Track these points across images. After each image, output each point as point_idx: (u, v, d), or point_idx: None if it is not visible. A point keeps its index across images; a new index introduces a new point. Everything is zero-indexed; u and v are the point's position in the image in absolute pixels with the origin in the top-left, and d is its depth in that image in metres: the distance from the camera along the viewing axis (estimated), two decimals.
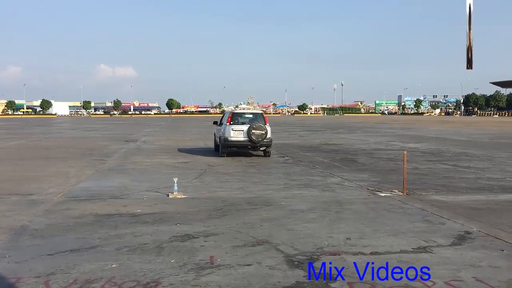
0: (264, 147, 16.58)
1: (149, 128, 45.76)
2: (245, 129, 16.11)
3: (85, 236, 6.18)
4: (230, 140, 16.20)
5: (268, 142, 16.39)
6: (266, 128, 16.11)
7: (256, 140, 15.92)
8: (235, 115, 16.99)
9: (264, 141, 16.11)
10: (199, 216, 7.36)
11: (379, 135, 32.61)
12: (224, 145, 16.37)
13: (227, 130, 16.25)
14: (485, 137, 29.57)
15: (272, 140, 16.75)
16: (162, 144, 23.38)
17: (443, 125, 52.23)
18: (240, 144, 16.40)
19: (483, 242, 5.97)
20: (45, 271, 4.77)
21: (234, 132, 16.14)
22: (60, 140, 27.04)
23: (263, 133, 15.94)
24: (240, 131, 16.15)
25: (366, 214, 7.63)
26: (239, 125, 16.47)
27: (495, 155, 17.80)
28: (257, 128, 15.88)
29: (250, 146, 16.55)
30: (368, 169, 13.63)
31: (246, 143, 16.21)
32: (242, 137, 16.11)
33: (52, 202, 8.46)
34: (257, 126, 15.95)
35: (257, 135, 15.85)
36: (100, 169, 13.24)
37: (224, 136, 16.31)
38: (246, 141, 16.11)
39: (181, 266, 4.94)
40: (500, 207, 8.26)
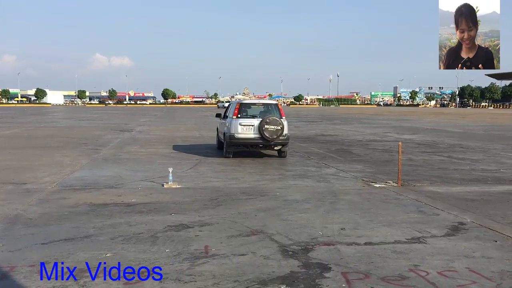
0: (280, 145, 13.49)
1: (145, 118, 45.62)
2: (256, 123, 13.05)
3: (79, 225, 6.17)
4: (238, 138, 13.10)
5: (285, 140, 13.32)
6: (282, 123, 13.00)
7: (270, 138, 12.87)
8: (243, 107, 13.82)
9: (280, 138, 13.02)
10: (194, 206, 7.36)
11: (375, 126, 32.66)
12: (229, 143, 13.29)
13: (233, 125, 13.18)
14: (479, 129, 29.69)
15: (289, 137, 13.67)
16: (158, 134, 23.33)
17: (438, 117, 52.38)
18: (249, 143, 13.33)
19: (477, 233, 6.00)
20: (39, 260, 4.75)
21: (242, 127, 13.10)
22: (54, 129, 26.92)
23: (279, 128, 12.87)
24: (250, 126, 13.11)
25: (361, 204, 7.65)
26: (249, 118, 13.40)
27: (489, 146, 17.87)
28: (271, 123, 12.86)
29: (262, 145, 13.41)
30: (363, 160, 13.66)
31: (257, 141, 13.14)
32: (252, 134, 13.09)
33: (46, 191, 8.44)
34: (271, 120, 12.89)
35: (271, 131, 12.83)
36: (95, 159, 13.20)
37: (229, 132, 13.21)
38: (257, 138, 13.06)
39: (176, 256, 4.94)
40: (494, 198, 8.30)
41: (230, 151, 13.48)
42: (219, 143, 15.49)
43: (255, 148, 13.90)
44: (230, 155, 13.46)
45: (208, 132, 25.16)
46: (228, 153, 13.50)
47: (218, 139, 15.78)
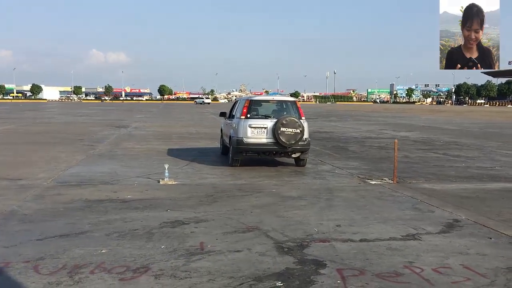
0: (298, 152, 11.15)
1: (141, 114, 45.52)
2: (269, 125, 10.74)
3: (74, 221, 6.16)
4: (247, 143, 10.77)
5: (305, 146, 11.03)
6: (302, 125, 10.74)
7: (287, 143, 10.57)
8: (253, 104, 11.41)
9: (299, 144, 10.75)
10: (190, 203, 7.36)
11: (371, 123, 32.70)
12: (237, 149, 10.90)
13: (242, 127, 10.84)
14: (475, 127, 29.77)
15: (310, 142, 11.37)
16: (154, 130, 23.29)
17: (434, 114, 52.47)
18: (261, 149, 10.95)
19: (472, 230, 6.02)
20: (34, 256, 4.75)
21: (252, 130, 10.79)
22: (50, 125, 26.83)
23: (298, 132, 10.57)
24: (262, 128, 10.79)
25: (356, 201, 7.67)
26: (261, 119, 11.06)
27: (484, 144, 17.93)
28: (289, 125, 10.56)
29: (276, 152, 11.08)
30: (359, 157, 13.67)
31: (271, 147, 10.81)
32: (265, 138, 10.78)
33: (42, 187, 8.41)
34: (288, 121, 10.60)
35: (288, 135, 10.54)
36: (91, 155, 13.17)
37: (237, 136, 10.88)
38: (271, 144, 10.75)
39: (171, 252, 4.94)
40: (489, 195, 8.33)
41: (238, 158, 11.13)
42: (224, 147, 13.07)
43: (268, 155, 11.43)
44: (237, 164, 11.14)
45: (204, 128, 25.18)
46: (235, 161, 11.14)
47: (222, 143, 13.37)
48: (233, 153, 11.16)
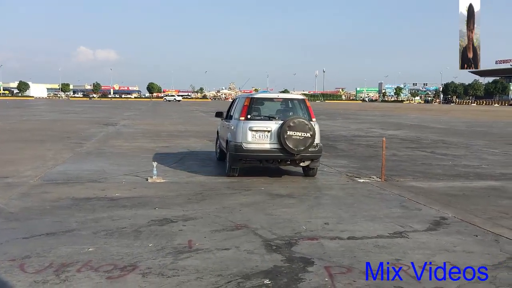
0: (308, 161, 9.49)
1: (129, 112, 45.27)
2: (274, 128, 9.13)
3: (61, 219, 6.11)
4: (247, 149, 9.10)
5: (316, 153, 9.38)
6: (313, 128, 9.16)
7: (294, 149, 8.98)
8: (255, 103, 9.66)
9: (309, 150, 9.17)
10: (178, 201, 7.34)
11: (360, 122, 32.85)
12: (235, 156, 9.21)
13: (241, 130, 9.19)
14: (462, 125, 30.06)
15: (322, 148, 9.67)
16: (142, 128, 23.17)
17: (422, 113, 52.86)
18: (264, 156, 9.28)
19: (458, 227, 6.08)
20: (20, 254, 4.70)
21: (254, 134, 9.14)
22: (37, 122, 26.56)
23: (307, 136, 9.01)
24: (265, 132, 9.17)
25: (345, 199, 7.70)
26: (264, 121, 9.38)
27: (471, 143, 18.11)
28: (297, 128, 8.96)
29: (281, 160, 9.43)
30: (348, 155, 13.73)
31: (276, 154, 9.19)
32: (268, 144, 9.16)
33: (28, 185, 8.33)
34: (296, 123, 9.00)
35: (296, 139, 8.95)
36: (78, 153, 13.07)
37: (235, 140, 9.25)
38: (275, 150, 9.13)
39: (159, 250, 4.92)
40: (475, 193, 8.42)
41: (236, 167, 9.48)
42: (221, 152, 11.49)
43: (272, 163, 9.63)
44: (235, 173, 9.53)
45: (194, 126, 25.11)
46: (233, 171, 9.52)
47: (219, 147, 11.73)
48: (230, 161, 9.44)
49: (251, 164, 9.57)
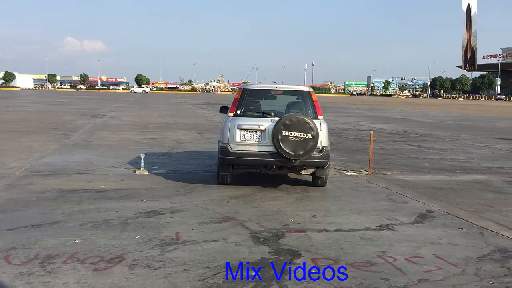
0: (311, 168, 7.91)
1: (117, 103, 44.92)
2: (268, 126, 7.52)
3: (47, 211, 6.05)
4: (234, 152, 7.53)
5: (321, 159, 7.69)
6: (316, 127, 7.40)
7: (291, 154, 7.27)
8: (249, 95, 8.08)
9: (311, 155, 7.47)
10: (166, 193, 7.31)
11: (348, 115, 32.98)
12: (224, 160, 7.72)
13: (227, 129, 7.66)
14: (449, 119, 30.32)
15: (329, 153, 8.01)
16: (130, 120, 23.02)
17: (410, 107, 53.18)
18: (255, 161, 7.66)
19: (444, 220, 6.14)
20: (5, 246, 4.65)
21: (243, 133, 7.58)
22: (23, 113, 26.24)
23: (308, 137, 7.28)
24: (257, 131, 7.57)
25: (332, 192, 7.74)
26: (255, 117, 7.81)
27: (458, 136, 18.28)
28: (294, 126, 7.25)
29: (277, 166, 7.77)
30: (336, 148, 13.76)
31: (268, 159, 7.54)
32: (260, 146, 7.54)
33: (13, 177, 8.24)
34: (294, 121, 7.28)
35: (293, 141, 7.24)
36: (65, 144, 12.95)
37: (222, 141, 7.76)
38: (269, 154, 7.48)
39: (146, 242, 4.91)
40: (461, 187, 8.50)
41: (225, 173, 7.96)
42: None
43: (268, 169, 7.90)
44: (226, 181, 8.02)
45: (182, 119, 25.01)
46: (222, 178, 8.01)
47: None
48: (218, 166, 8.16)
49: (244, 170, 8.13)
